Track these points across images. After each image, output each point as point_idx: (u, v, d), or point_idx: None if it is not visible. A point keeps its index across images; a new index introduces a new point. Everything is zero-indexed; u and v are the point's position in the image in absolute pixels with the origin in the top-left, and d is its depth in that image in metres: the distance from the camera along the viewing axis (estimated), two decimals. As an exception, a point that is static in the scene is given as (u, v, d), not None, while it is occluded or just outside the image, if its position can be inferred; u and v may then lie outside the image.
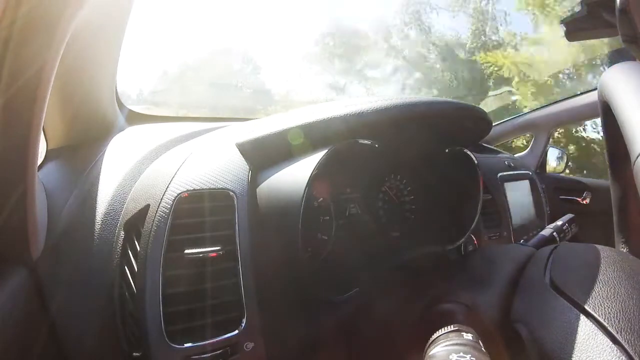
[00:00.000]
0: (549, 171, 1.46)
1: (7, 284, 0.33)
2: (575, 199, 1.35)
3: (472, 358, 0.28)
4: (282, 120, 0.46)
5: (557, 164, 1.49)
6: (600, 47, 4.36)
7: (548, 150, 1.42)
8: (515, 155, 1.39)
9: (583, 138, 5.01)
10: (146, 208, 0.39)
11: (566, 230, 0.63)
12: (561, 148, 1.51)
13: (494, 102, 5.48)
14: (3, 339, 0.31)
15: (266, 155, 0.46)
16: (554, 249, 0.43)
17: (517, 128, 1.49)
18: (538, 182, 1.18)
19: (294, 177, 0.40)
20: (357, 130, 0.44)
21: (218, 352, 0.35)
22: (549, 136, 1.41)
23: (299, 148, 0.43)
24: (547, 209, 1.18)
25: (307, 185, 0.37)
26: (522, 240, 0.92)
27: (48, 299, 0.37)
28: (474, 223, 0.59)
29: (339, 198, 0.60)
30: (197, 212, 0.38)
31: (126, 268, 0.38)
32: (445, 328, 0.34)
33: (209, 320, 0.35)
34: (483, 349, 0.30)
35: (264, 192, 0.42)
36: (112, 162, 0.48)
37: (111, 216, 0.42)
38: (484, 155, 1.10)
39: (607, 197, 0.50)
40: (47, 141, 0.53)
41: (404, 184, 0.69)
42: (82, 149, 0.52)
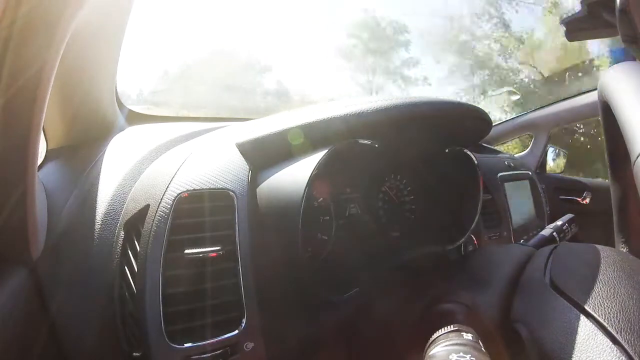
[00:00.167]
0: (548, 171, 1.46)
1: (7, 284, 0.33)
2: (575, 199, 1.35)
3: (472, 358, 0.28)
4: (282, 120, 0.46)
5: (557, 164, 1.49)
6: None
7: (548, 150, 1.43)
8: (515, 155, 1.39)
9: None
10: (146, 208, 0.39)
11: (566, 230, 0.63)
12: (561, 148, 1.50)
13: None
14: (3, 339, 0.31)
15: (266, 155, 0.46)
16: (554, 249, 0.43)
17: (517, 128, 1.49)
18: (538, 182, 1.18)
19: (294, 177, 0.40)
20: (357, 130, 0.44)
21: (218, 352, 0.35)
22: (549, 136, 1.41)
23: (299, 148, 0.43)
24: (547, 209, 1.18)
25: (307, 185, 0.37)
26: (522, 240, 0.92)
27: (48, 299, 0.37)
28: (474, 223, 0.59)
29: (339, 198, 0.60)
30: (197, 212, 0.38)
31: (126, 268, 0.38)
32: (445, 328, 0.34)
33: (209, 320, 0.35)
34: (483, 349, 0.30)
35: (264, 192, 0.42)
36: (112, 162, 0.48)
37: (111, 216, 0.41)
38: (484, 155, 1.10)
39: (607, 197, 0.50)
40: (47, 141, 0.53)
41: (404, 184, 0.69)
42: (82, 149, 0.52)
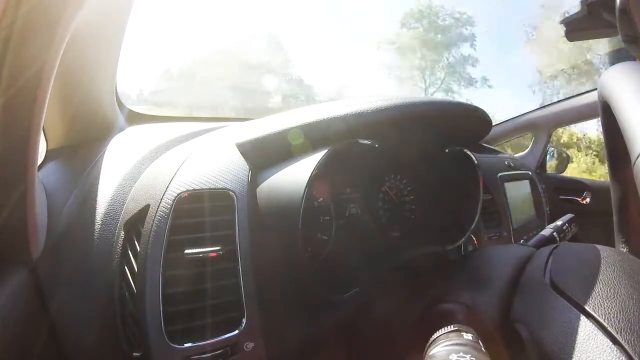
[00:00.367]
0: (548, 171, 1.46)
1: (7, 284, 0.33)
2: (575, 199, 1.35)
3: (472, 358, 0.28)
4: (282, 120, 0.46)
5: (557, 164, 1.49)
6: None
7: (548, 150, 1.43)
8: (515, 155, 1.39)
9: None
10: (146, 208, 0.39)
11: (566, 230, 0.63)
12: (562, 148, 1.50)
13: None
14: (3, 339, 0.31)
15: (266, 155, 0.46)
16: (553, 249, 0.43)
17: (517, 128, 1.49)
18: (538, 182, 1.18)
19: (294, 177, 0.40)
20: (357, 130, 0.44)
21: (218, 352, 0.35)
22: (549, 136, 1.41)
23: (299, 148, 0.43)
24: (547, 209, 1.18)
25: (307, 185, 0.37)
26: (522, 240, 0.92)
27: (48, 299, 0.37)
28: (474, 223, 0.59)
29: (339, 198, 0.60)
30: (197, 212, 0.38)
31: (126, 268, 0.38)
32: (445, 328, 0.34)
33: (209, 320, 0.35)
34: (483, 349, 0.30)
35: (264, 192, 0.42)
36: (112, 162, 0.48)
37: (111, 216, 0.41)
38: (484, 155, 1.10)
39: (607, 197, 0.50)
40: (47, 141, 0.53)
41: (404, 184, 0.69)
42: (82, 149, 0.52)
